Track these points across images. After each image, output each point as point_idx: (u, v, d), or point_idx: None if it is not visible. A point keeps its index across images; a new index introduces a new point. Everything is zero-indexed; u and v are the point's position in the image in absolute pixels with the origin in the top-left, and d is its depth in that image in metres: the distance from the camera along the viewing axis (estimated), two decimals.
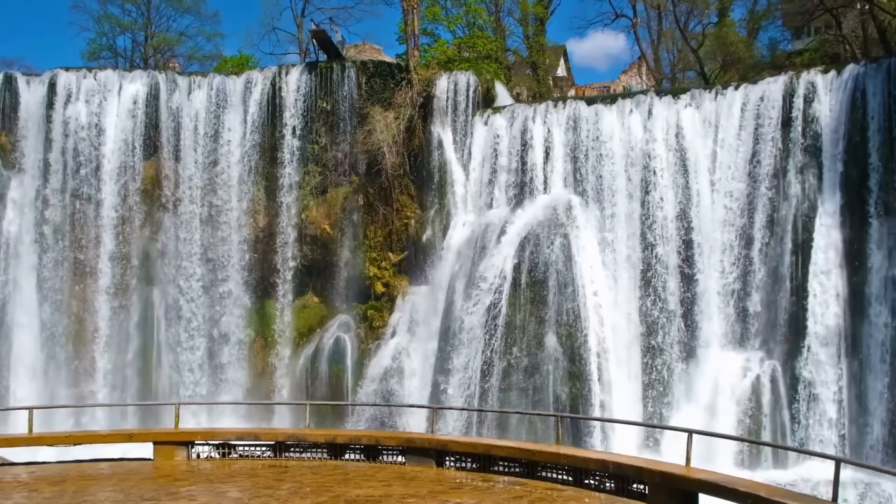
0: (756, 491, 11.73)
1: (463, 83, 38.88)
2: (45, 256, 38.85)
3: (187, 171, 39.77)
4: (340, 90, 40.04)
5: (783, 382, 32.08)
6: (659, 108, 35.86)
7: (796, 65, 41.91)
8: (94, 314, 38.59)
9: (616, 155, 35.95)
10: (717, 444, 27.63)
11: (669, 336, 34.09)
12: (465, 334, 34.79)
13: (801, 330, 32.02)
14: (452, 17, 49.98)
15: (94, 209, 39.14)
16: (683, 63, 57.45)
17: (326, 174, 39.87)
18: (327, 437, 18.26)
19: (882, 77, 32.24)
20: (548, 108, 37.74)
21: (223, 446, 18.26)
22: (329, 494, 14.21)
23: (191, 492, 14.84)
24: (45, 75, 40.66)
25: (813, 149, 33.31)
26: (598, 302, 34.34)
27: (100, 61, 58.33)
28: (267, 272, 39.63)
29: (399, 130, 38.50)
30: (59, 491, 14.86)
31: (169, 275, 39.36)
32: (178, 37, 62.30)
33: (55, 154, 39.32)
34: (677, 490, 12.92)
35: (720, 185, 34.59)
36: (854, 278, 31.74)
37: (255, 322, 39.52)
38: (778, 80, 34.80)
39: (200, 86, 40.70)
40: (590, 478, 14.51)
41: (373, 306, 38.86)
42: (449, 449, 16.72)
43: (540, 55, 52.04)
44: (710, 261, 34.17)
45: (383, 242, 39.39)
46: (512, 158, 37.49)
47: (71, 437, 21.02)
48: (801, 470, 29.99)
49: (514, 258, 34.90)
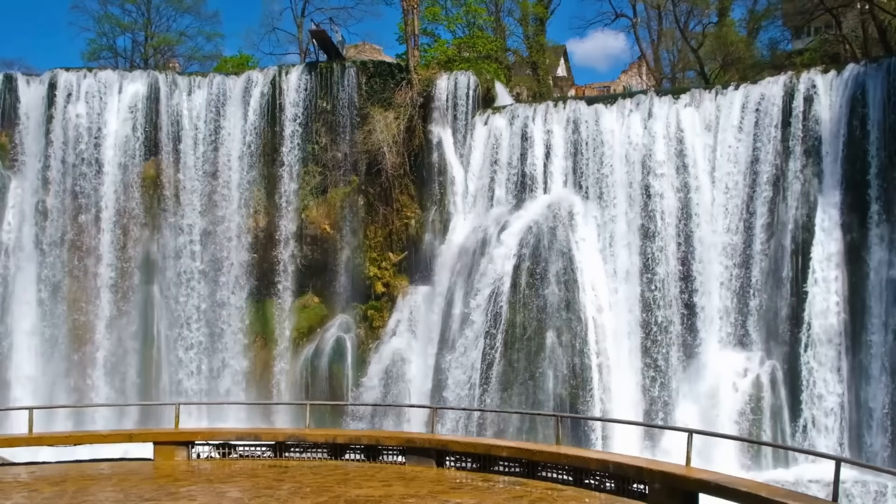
0: (756, 491, 11.73)
1: (463, 83, 38.87)
2: (45, 256, 38.83)
3: (187, 170, 39.77)
4: (340, 90, 40.05)
5: (783, 382, 32.07)
6: (659, 107, 35.86)
7: (796, 65, 41.88)
8: (94, 314, 38.57)
9: (616, 155, 35.96)
10: (717, 443, 27.65)
11: (669, 336, 34.09)
12: (466, 334, 34.80)
13: (801, 330, 32.01)
14: (452, 17, 49.97)
15: (94, 209, 39.12)
16: (683, 63, 57.45)
17: (326, 174, 39.88)
18: (327, 437, 18.26)
19: (882, 77, 32.23)
20: (548, 108, 37.75)
21: (223, 446, 18.26)
22: (329, 494, 14.21)
23: (191, 492, 14.84)
24: (45, 75, 40.67)
25: (813, 149, 33.31)
26: (598, 302, 34.35)
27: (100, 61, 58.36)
28: (267, 272, 39.63)
29: (399, 130, 38.51)
30: (59, 491, 14.86)
31: (169, 275, 39.35)
32: (178, 37, 62.32)
33: (55, 154, 39.30)
34: (678, 490, 12.92)
35: (720, 184, 34.58)
36: (854, 278, 31.72)
37: (255, 322, 39.51)
38: (778, 79, 34.79)
39: (200, 86, 40.70)
40: (590, 478, 14.51)
41: (373, 306, 38.87)
42: (449, 449, 16.72)
43: (540, 55, 52.04)
44: (711, 261, 34.16)
45: (383, 242, 39.40)
46: (512, 158, 37.50)
47: (71, 437, 21.02)
48: (802, 470, 29.98)
49: (515, 258, 34.90)
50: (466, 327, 34.86)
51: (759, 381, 32.27)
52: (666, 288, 34.38)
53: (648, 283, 34.62)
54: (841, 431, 30.91)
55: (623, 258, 35.13)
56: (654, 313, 34.29)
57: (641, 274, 34.79)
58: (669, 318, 34.16)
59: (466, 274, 36.13)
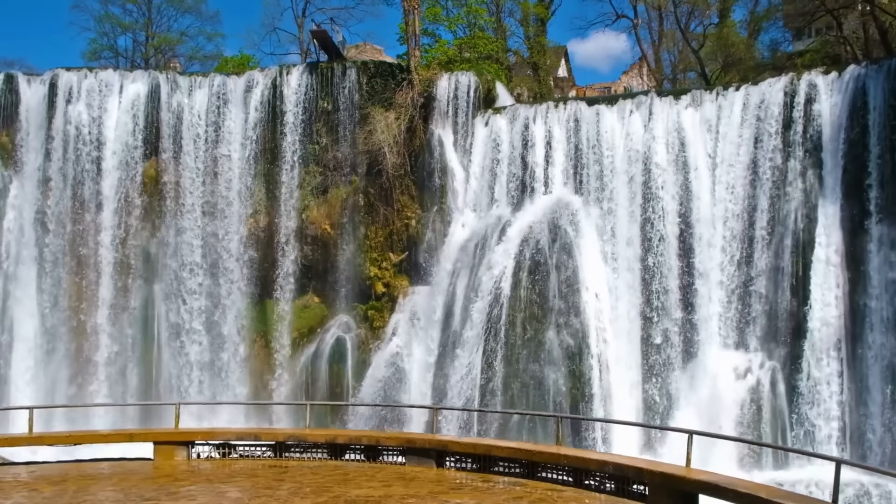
0: (756, 492, 11.73)
1: (464, 84, 38.86)
2: (46, 256, 38.85)
3: (188, 170, 39.76)
4: (341, 90, 40.05)
5: (783, 383, 32.03)
6: (660, 108, 35.86)
7: (797, 66, 41.86)
8: (94, 313, 38.59)
9: (617, 155, 35.97)
10: (717, 445, 27.61)
11: (670, 337, 34.09)
12: (466, 334, 34.80)
13: (802, 331, 31.99)
14: (453, 18, 49.98)
15: (95, 208, 39.14)
16: (684, 64, 57.47)
17: (327, 174, 39.88)
18: (328, 437, 18.27)
19: (883, 78, 32.21)
20: (548, 108, 37.75)
21: (223, 446, 18.26)
22: (329, 494, 14.21)
23: (191, 492, 14.84)
24: (45, 75, 40.69)
25: (814, 150, 33.29)
26: (599, 302, 34.34)
27: (101, 61, 58.43)
28: (267, 272, 39.62)
29: (400, 131, 38.51)
30: (59, 490, 14.86)
31: (169, 274, 39.36)
32: (178, 37, 62.40)
33: (56, 154, 39.33)
34: (677, 491, 12.92)
35: (721, 185, 34.56)
36: (855, 278, 31.70)
37: (255, 322, 39.52)
38: (779, 80, 34.78)
39: (201, 86, 40.71)
40: (590, 478, 14.51)
41: (373, 306, 38.87)
42: (449, 449, 16.72)
43: (541, 56, 52.05)
44: (711, 261, 34.15)
45: (384, 242, 39.39)
46: (513, 159, 37.50)
47: (71, 436, 21.03)
48: (802, 471, 29.96)
49: (515, 258, 34.91)
50: (467, 327, 34.86)
51: (759, 382, 32.25)
52: (666, 289, 34.38)
53: (649, 284, 34.61)
54: (841, 433, 30.88)
55: (623, 259, 35.12)
56: (655, 314, 34.28)
57: (642, 274, 34.79)
58: (670, 318, 34.14)
59: (467, 274, 36.13)
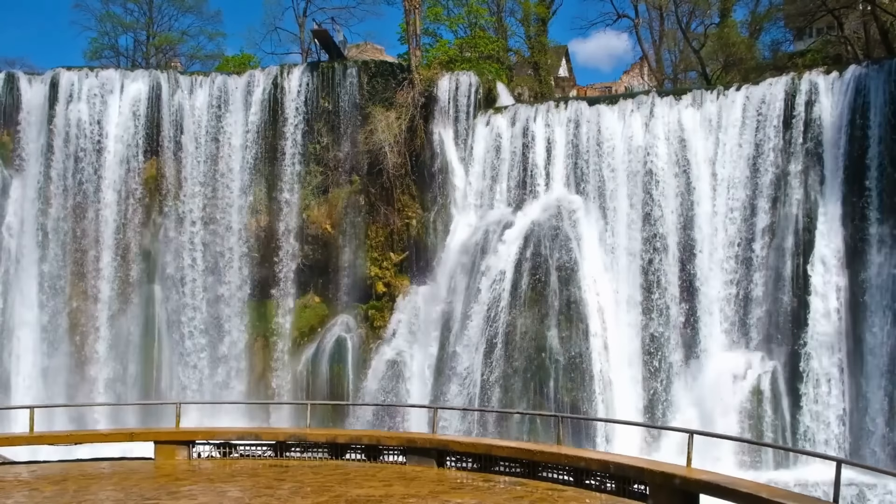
0: (757, 492, 11.73)
1: (465, 83, 38.87)
2: (47, 255, 38.87)
3: (189, 170, 39.78)
4: (342, 90, 40.06)
5: (784, 383, 32.04)
6: (660, 108, 35.86)
7: (798, 66, 41.76)
8: (95, 313, 38.61)
9: (617, 155, 35.96)
10: (718, 444, 27.62)
11: (671, 336, 34.08)
12: (467, 334, 34.81)
13: (802, 330, 32.00)
14: (454, 18, 49.92)
15: (96, 208, 39.16)
16: (685, 63, 57.35)
17: (328, 174, 39.89)
18: (328, 436, 18.27)
19: (884, 78, 32.24)
20: (549, 108, 37.74)
21: (224, 446, 18.26)
22: (330, 494, 14.21)
23: (192, 491, 14.84)
24: (46, 74, 40.71)
25: (814, 149, 33.30)
26: (600, 302, 34.33)
27: (102, 60, 58.27)
28: (268, 272, 39.64)
29: (401, 130, 38.51)
30: (59, 490, 14.86)
31: (170, 274, 39.37)
32: (180, 36, 62.27)
33: (57, 153, 39.35)
34: (678, 491, 12.91)
35: (721, 185, 34.57)
36: (855, 279, 31.70)
37: (255, 321, 39.53)
38: (780, 80, 34.78)
39: (202, 85, 40.73)
40: (591, 478, 14.50)
41: (374, 306, 38.87)
42: (450, 449, 16.72)
43: (542, 55, 51.99)
44: (712, 261, 34.16)
45: (384, 242, 39.40)
46: (513, 159, 37.49)
47: (72, 436, 21.06)
48: (803, 471, 29.96)
49: (516, 258, 34.91)
50: (467, 327, 34.87)
51: (760, 382, 32.25)
52: (667, 289, 34.37)
53: (649, 284, 34.60)
54: (842, 432, 30.89)
55: (624, 258, 35.12)
56: (656, 314, 34.27)
57: (642, 274, 34.78)
58: (671, 318, 34.14)
59: (468, 274, 36.14)
